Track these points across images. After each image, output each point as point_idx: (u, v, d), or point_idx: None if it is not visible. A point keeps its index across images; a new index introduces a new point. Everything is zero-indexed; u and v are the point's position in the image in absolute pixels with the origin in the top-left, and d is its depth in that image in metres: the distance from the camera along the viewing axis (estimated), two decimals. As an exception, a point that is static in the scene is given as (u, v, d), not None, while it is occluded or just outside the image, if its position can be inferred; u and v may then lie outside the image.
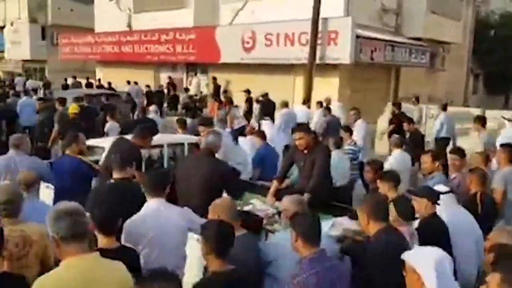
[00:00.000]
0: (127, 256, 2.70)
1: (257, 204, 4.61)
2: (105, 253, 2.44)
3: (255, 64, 15.23)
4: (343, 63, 13.48)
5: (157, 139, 5.64)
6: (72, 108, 9.15)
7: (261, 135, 7.07)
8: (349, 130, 7.60)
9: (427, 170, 5.08)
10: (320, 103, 12.39)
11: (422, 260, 2.41)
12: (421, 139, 9.12)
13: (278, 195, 4.50)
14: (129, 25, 19.72)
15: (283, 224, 3.50)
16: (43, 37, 29.31)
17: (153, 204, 3.29)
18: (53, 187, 4.83)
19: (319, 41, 13.25)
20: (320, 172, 4.73)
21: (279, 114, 12.00)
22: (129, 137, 5.05)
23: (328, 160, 5.00)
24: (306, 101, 12.66)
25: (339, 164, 6.14)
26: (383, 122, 11.85)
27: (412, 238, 3.30)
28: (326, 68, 13.75)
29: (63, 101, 9.78)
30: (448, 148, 8.33)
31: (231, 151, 5.87)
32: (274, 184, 4.97)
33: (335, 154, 6.18)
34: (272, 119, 11.55)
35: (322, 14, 13.01)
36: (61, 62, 25.17)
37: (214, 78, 16.84)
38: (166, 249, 3.13)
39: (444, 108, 10.53)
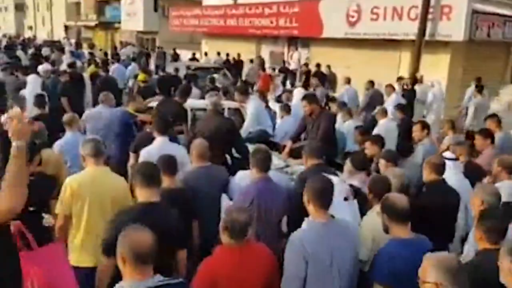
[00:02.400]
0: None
1: (274, 159, 5.25)
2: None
3: (358, 39, 14.83)
4: (455, 40, 12.59)
5: (203, 102, 7.23)
6: (141, 77, 10.75)
7: (286, 109, 7.89)
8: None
9: (417, 137, 5.88)
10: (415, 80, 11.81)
11: None
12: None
13: (292, 153, 5.65)
14: (235, -2, 20.18)
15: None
16: (155, 9, 31.15)
17: (159, 140, 4.72)
18: None
19: (430, 16, 12.48)
20: (323, 134, 5.66)
21: (343, 89, 11.66)
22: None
23: (331, 125, 5.91)
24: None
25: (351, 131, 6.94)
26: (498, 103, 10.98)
27: (364, 184, 3.91)
28: (436, 45, 12.94)
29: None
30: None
31: (261, 115, 6.92)
32: (288, 144, 5.92)
33: (350, 123, 7.30)
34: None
35: (436, -13, 12.20)
36: (170, 34, 26.66)
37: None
38: None
39: None
